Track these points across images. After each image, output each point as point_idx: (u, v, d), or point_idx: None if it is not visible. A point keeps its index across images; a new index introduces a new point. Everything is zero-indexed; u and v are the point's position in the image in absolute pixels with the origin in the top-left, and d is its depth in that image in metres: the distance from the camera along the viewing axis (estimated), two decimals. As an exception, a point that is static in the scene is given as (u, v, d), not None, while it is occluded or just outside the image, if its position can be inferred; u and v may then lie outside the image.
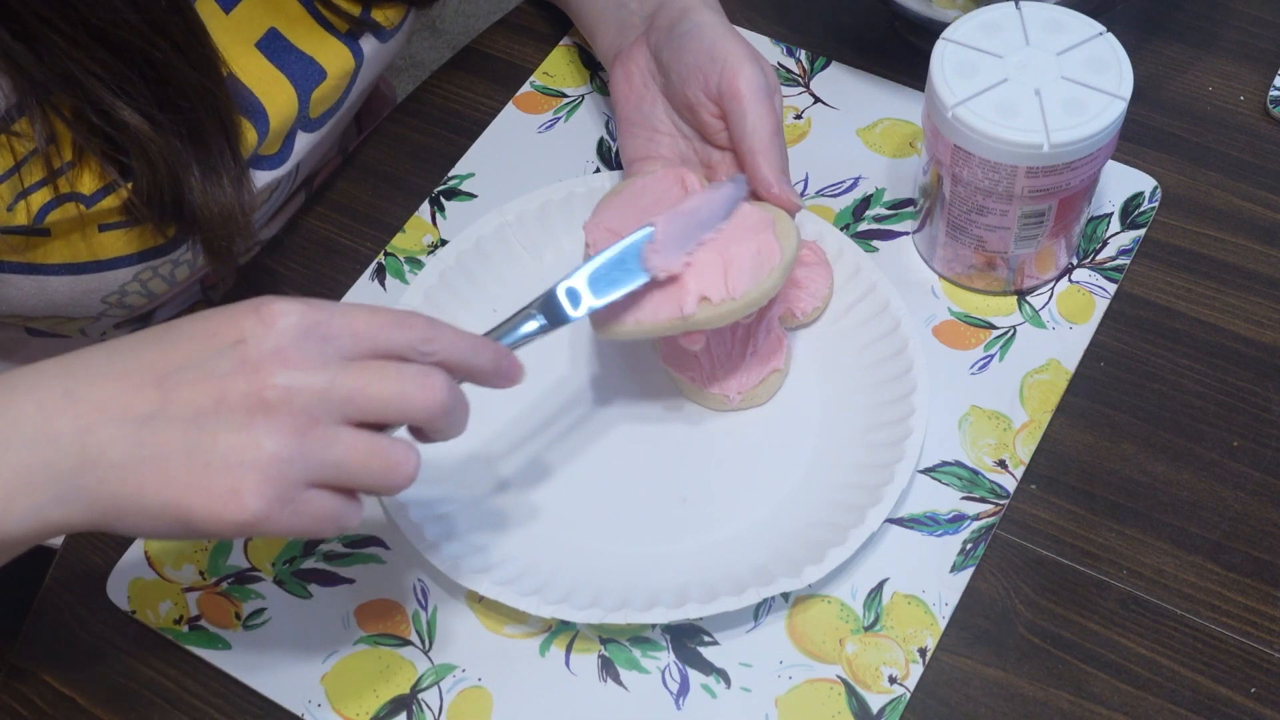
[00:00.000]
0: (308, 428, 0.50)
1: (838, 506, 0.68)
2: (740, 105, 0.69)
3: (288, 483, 0.50)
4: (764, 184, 0.69)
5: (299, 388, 0.50)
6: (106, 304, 0.74)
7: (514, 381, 0.59)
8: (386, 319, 0.54)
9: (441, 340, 0.55)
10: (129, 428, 0.50)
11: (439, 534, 0.68)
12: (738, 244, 0.66)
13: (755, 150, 0.69)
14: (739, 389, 0.72)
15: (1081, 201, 0.72)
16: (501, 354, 0.58)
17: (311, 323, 0.52)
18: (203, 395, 0.50)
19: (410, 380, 0.53)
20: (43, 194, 0.66)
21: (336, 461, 0.51)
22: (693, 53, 0.71)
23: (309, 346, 0.51)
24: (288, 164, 0.78)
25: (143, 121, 0.65)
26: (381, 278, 0.80)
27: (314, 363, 0.51)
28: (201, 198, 0.69)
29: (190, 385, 0.51)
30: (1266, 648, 0.65)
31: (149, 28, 0.63)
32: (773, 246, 0.67)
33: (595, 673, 0.66)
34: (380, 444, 0.52)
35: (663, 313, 0.65)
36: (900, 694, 0.64)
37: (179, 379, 0.51)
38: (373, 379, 0.52)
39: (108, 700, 0.67)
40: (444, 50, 1.95)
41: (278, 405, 0.50)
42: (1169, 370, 0.74)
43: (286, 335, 0.51)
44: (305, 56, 0.77)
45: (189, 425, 0.50)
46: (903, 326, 0.72)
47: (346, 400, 0.51)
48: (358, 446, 0.52)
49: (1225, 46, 0.87)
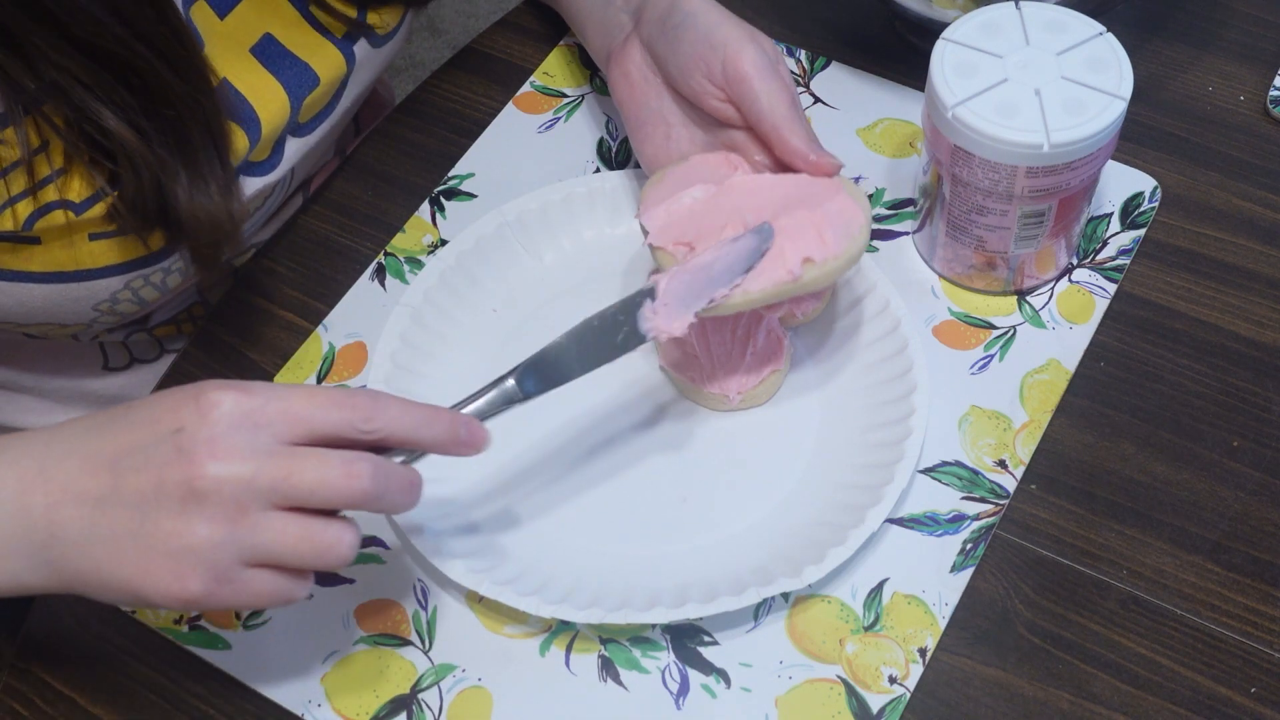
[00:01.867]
0: (237, 515, 0.53)
1: (838, 506, 0.68)
2: (750, 87, 0.69)
3: (223, 565, 0.54)
4: (798, 156, 0.69)
5: (226, 478, 0.53)
6: (98, 311, 0.74)
7: (477, 450, 0.59)
8: (325, 400, 0.55)
9: (383, 417, 0.56)
10: (86, 509, 0.55)
11: (439, 534, 0.68)
12: (818, 207, 0.67)
13: (777, 127, 0.69)
14: (739, 389, 0.72)
15: (1081, 201, 0.72)
16: (459, 423, 0.59)
17: (245, 411, 0.54)
18: (145, 482, 0.54)
19: (333, 469, 0.54)
20: (27, 204, 0.66)
21: (266, 546, 0.54)
22: (689, 43, 0.71)
23: (240, 436, 0.53)
24: (279, 170, 0.78)
25: (128, 130, 0.65)
26: (381, 278, 0.80)
27: (243, 452, 0.53)
28: (188, 206, 0.68)
29: (135, 472, 0.54)
30: (1266, 648, 0.65)
31: (134, 38, 0.63)
32: (850, 205, 0.67)
33: (595, 673, 0.66)
34: (310, 528, 0.54)
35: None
36: (900, 694, 0.64)
37: (127, 464, 0.54)
38: (295, 468, 0.54)
39: (108, 700, 0.67)
40: (444, 50, 1.95)
41: (208, 494, 0.53)
42: (1169, 370, 0.74)
43: (220, 425, 0.54)
44: (300, 62, 0.76)
45: (134, 510, 0.54)
46: (903, 326, 0.72)
47: (271, 489, 0.53)
48: (287, 531, 0.54)
49: (1225, 46, 0.87)
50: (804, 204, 0.67)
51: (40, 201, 0.66)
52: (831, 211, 0.67)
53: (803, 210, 0.67)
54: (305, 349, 0.77)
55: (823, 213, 0.67)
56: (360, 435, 0.56)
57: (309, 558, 0.55)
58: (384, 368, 0.73)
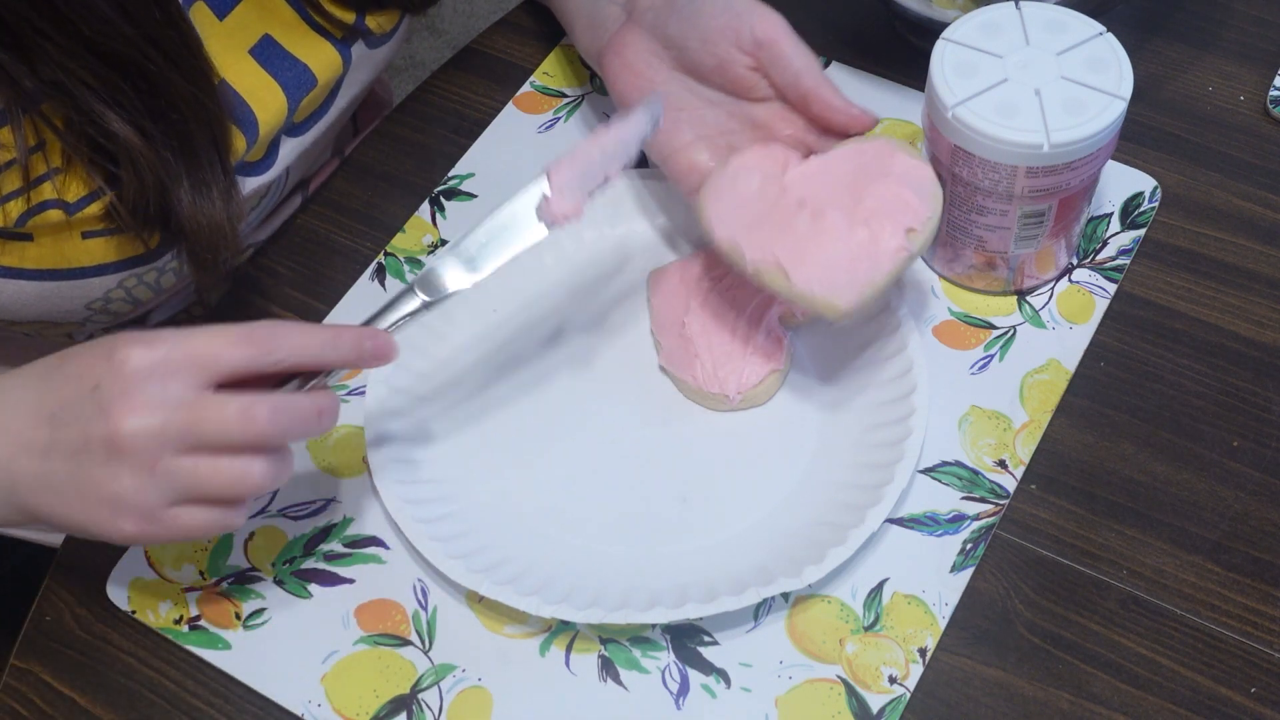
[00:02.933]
0: (153, 463, 0.57)
1: (838, 506, 0.68)
2: (782, 50, 0.69)
3: (149, 507, 0.58)
4: (839, 111, 0.69)
5: (140, 431, 0.57)
6: (91, 310, 0.74)
7: (385, 360, 0.62)
8: (227, 340, 0.58)
9: (285, 346, 0.59)
10: (35, 459, 0.59)
11: (439, 534, 0.68)
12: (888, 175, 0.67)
13: (818, 85, 0.69)
14: (739, 389, 0.72)
15: (1081, 201, 0.72)
16: (363, 338, 0.61)
17: (153, 362, 0.57)
18: (75, 436, 0.58)
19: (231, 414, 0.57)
20: (20, 202, 0.66)
21: (184, 486, 0.58)
22: (710, 15, 0.71)
23: (152, 388, 0.57)
24: (274, 170, 0.78)
25: (133, 132, 0.65)
26: (381, 278, 0.80)
27: (153, 406, 0.57)
28: (190, 209, 0.69)
29: (66, 426, 0.58)
30: (1266, 648, 0.65)
31: (143, 40, 0.63)
32: (912, 161, 0.68)
33: (595, 673, 0.66)
34: (217, 465, 0.58)
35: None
36: (900, 694, 0.64)
37: (60, 418, 0.59)
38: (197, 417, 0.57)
39: (108, 700, 0.67)
40: (444, 50, 1.95)
41: (125, 447, 0.57)
42: (1169, 370, 0.74)
43: (132, 380, 0.57)
44: (299, 63, 0.76)
45: (70, 460, 0.58)
46: (903, 326, 0.72)
47: (180, 437, 0.57)
48: (197, 471, 0.58)
49: (1225, 46, 0.87)
50: (872, 176, 0.67)
51: (34, 200, 0.66)
52: (901, 174, 0.67)
53: (877, 184, 0.67)
54: (305, 349, 0.77)
55: (896, 179, 0.67)
56: (266, 368, 0.58)
57: (225, 490, 0.58)
58: (384, 368, 0.73)
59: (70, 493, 0.59)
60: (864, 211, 0.66)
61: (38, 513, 0.60)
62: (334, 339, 0.60)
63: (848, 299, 0.65)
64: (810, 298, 0.65)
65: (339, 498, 0.72)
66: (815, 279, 0.65)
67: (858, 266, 0.65)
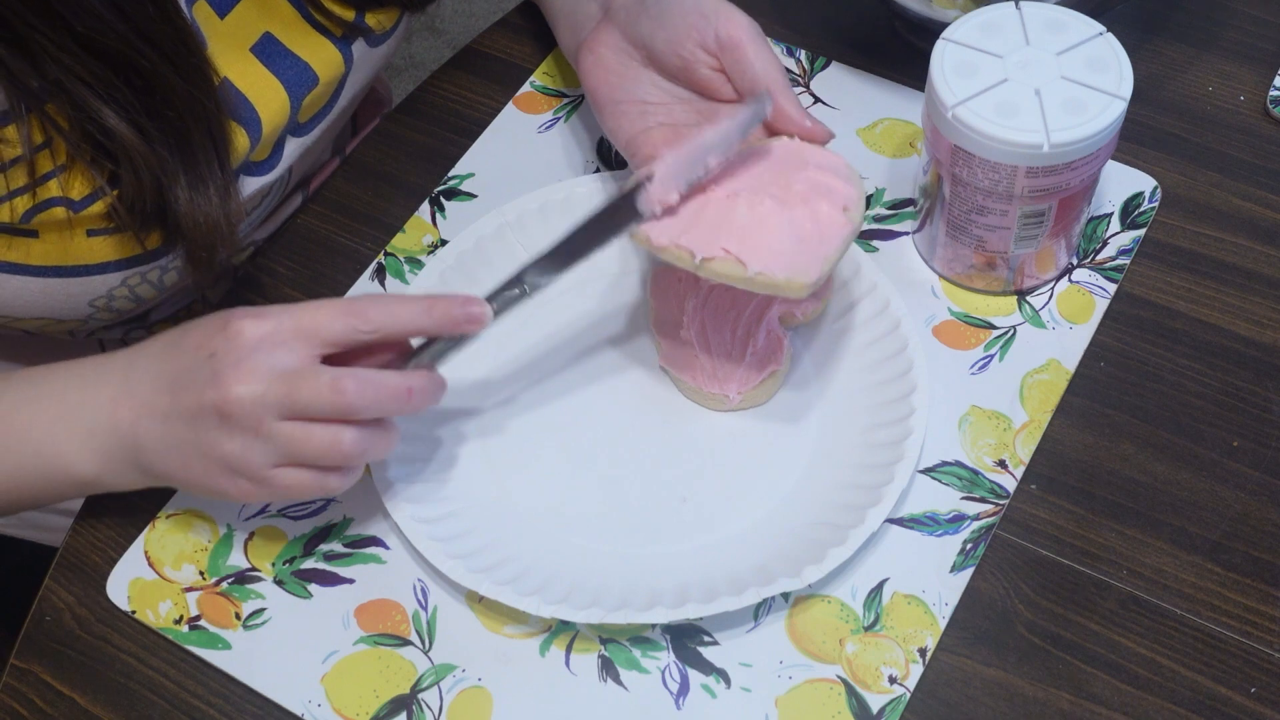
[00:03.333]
0: (256, 426, 0.61)
1: (838, 506, 0.68)
2: (744, 53, 0.70)
3: (254, 468, 0.62)
4: (794, 121, 0.69)
5: (245, 398, 0.60)
6: (94, 308, 0.74)
7: (478, 326, 0.64)
8: (329, 313, 0.62)
9: (379, 317, 0.62)
10: (158, 422, 0.63)
11: (439, 534, 0.68)
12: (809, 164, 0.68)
13: (773, 92, 0.69)
14: (739, 389, 0.72)
15: (1081, 201, 0.72)
16: (454, 304, 0.63)
17: (263, 334, 0.61)
18: (192, 401, 0.62)
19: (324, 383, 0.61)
20: (26, 199, 0.66)
21: (282, 450, 0.61)
22: (678, 15, 0.71)
23: (260, 357, 0.61)
24: (278, 169, 0.78)
25: (130, 129, 0.65)
26: (381, 278, 0.80)
27: (259, 373, 0.61)
28: (187, 207, 0.69)
29: (185, 391, 0.62)
30: (1266, 648, 0.65)
31: (136, 36, 0.63)
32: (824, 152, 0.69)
33: (595, 673, 0.66)
34: (310, 431, 0.61)
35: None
36: (900, 694, 0.64)
37: (181, 385, 0.63)
38: (294, 386, 0.60)
39: (108, 700, 0.67)
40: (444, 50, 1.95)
41: (233, 413, 0.61)
42: (1169, 370, 0.74)
43: (243, 350, 0.61)
44: (300, 61, 0.76)
45: (189, 424, 0.62)
46: (903, 326, 0.72)
47: (279, 405, 0.61)
48: (294, 436, 0.61)
49: (1225, 46, 0.87)
50: (793, 166, 0.68)
51: (40, 197, 0.66)
52: (820, 163, 0.68)
53: (800, 172, 0.67)
54: (305, 349, 0.77)
55: (815, 167, 0.67)
56: (365, 337, 0.62)
57: (319, 455, 0.61)
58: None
59: (190, 454, 0.62)
60: (796, 196, 0.66)
61: (162, 472, 0.64)
62: (428, 307, 0.63)
63: (810, 274, 0.64)
64: (772, 281, 0.64)
65: (339, 498, 0.72)
66: (772, 262, 0.65)
67: (808, 245, 0.65)
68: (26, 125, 0.64)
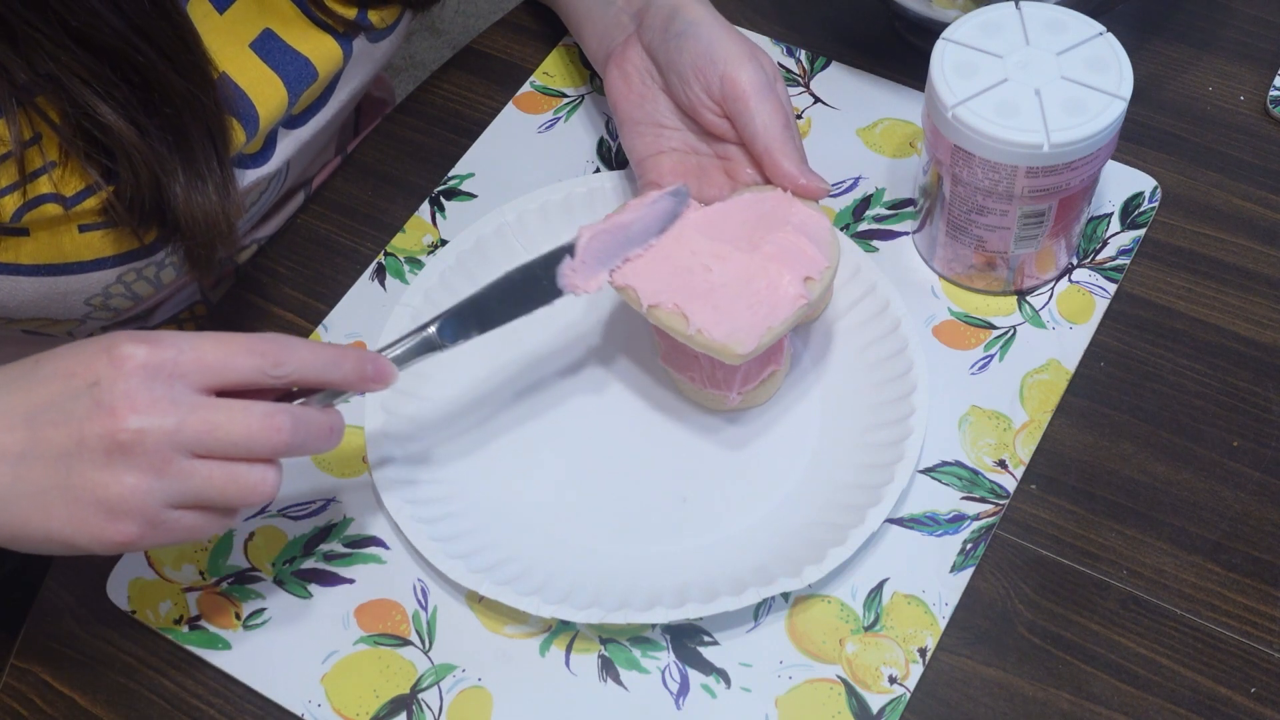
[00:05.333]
0: (162, 465, 0.55)
1: (838, 506, 0.68)
2: (746, 106, 0.70)
3: (151, 510, 0.55)
4: (788, 178, 0.69)
5: (149, 430, 0.54)
6: (90, 306, 0.74)
7: (384, 384, 0.62)
8: (235, 348, 0.57)
9: (292, 361, 0.58)
10: (5, 465, 0.56)
11: (439, 534, 0.68)
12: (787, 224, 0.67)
13: (770, 149, 0.69)
14: (739, 389, 0.72)
15: (1081, 201, 0.72)
16: (365, 361, 0.61)
17: (159, 361, 0.55)
18: (65, 436, 0.55)
19: (255, 421, 0.56)
20: (16, 196, 0.66)
21: (194, 491, 0.56)
22: (689, 54, 0.71)
23: (158, 387, 0.55)
24: (273, 162, 0.78)
25: (127, 126, 0.65)
26: (381, 278, 0.80)
27: (163, 405, 0.55)
28: (185, 204, 0.68)
29: (53, 426, 0.55)
30: (1266, 648, 0.65)
31: (132, 31, 0.63)
32: (808, 211, 0.68)
33: (595, 673, 0.66)
34: (234, 471, 0.56)
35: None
36: (900, 694, 0.64)
37: (44, 419, 0.56)
38: (219, 421, 0.56)
39: (108, 700, 0.67)
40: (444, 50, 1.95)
41: (132, 447, 0.54)
42: (1169, 370, 0.74)
43: (136, 377, 0.55)
44: (300, 56, 0.76)
45: (57, 464, 0.55)
46: (903, 326, 0.72)
47: (196, 441, 0.55)
48: (213, 477, 0.56)
49: (1225, 46, 0.87)
50: (771, 224, 0.68)
51: (30, 194, 0.66)
52: (800, 224, 0.68)
53: (777, 231, 0.67)
54: (305, 349, 0.77)
55: (794, 228, 0.67)
56: (271, 380, 0.58)
57: (236, 499, 0.57)
58: (384, 368, 0.73)
59: (54, 499, 0.55)
60: (762, 258, 0.67)
61: (6, 526, 0.57)
62: (338, 358, 0.60)
63: (746, 345, 0.65)
64: (708, 343, 0.65)
65: (339, 498, 0.72)
66: (714, 324, 0.65)
67: (756, 312, 0.66)
68: (15, 121, 0.64)
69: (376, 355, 0.62)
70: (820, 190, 0.69)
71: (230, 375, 0.57)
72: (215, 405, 0.56)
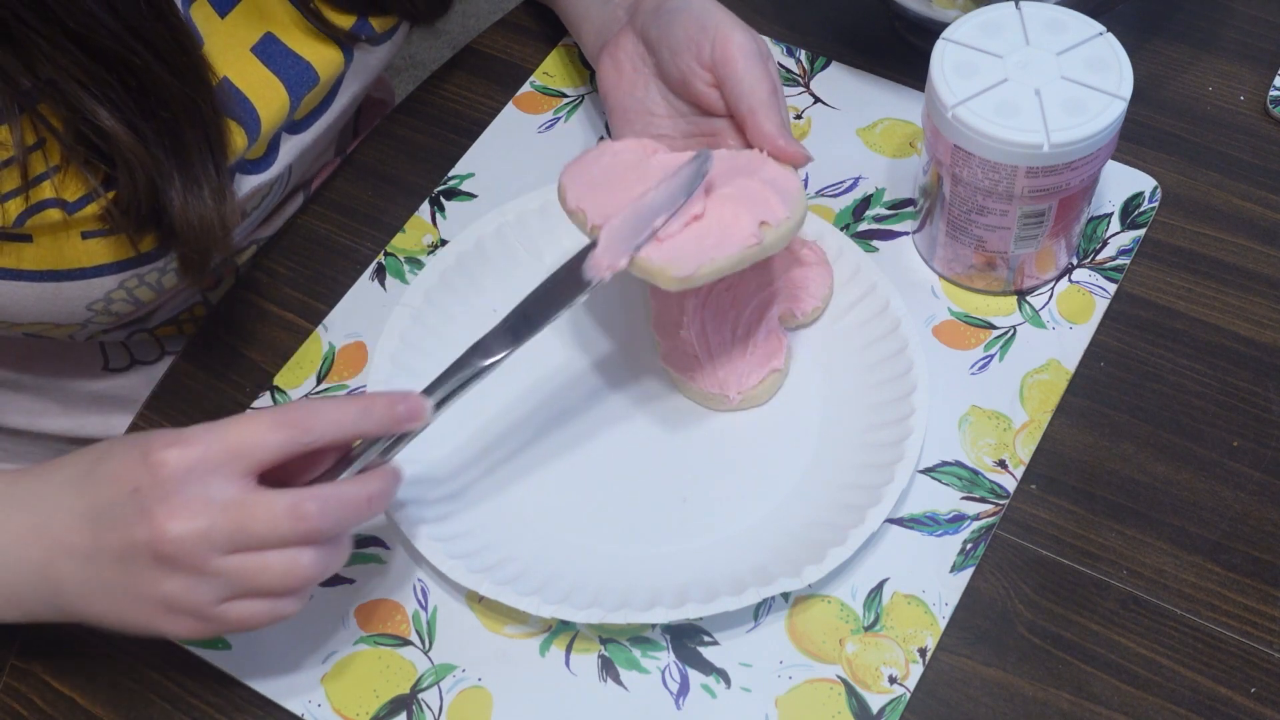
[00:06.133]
0: (202, 565, 0.57)
1: (838, 506, 0.68)
2: (734, 69, 0.70)
3: (201, 606, 0.58)
4: (767, 138, 0.69)
5: (185, 536, 0.56)
6: (92, 311, 0.74)
7: (418, 420, 0.61)
8: (261, 427, 0.58)
9: (320, 426, 0.58)
10: (78, 563, 0.59)
11: (439, 534, 0.68)
12: (755, 175, 0.67)
13: (754, 109, 0.69)
14: (739, 389, 0.72)
15: (1081, 201, 0.72)
16: (394, 403, 0.60)
17: (191, 462, 0.57)
18: (119, 540, 0.58)
19: (280, 513, 0.57)
20: (19, 201, 0.66)
21: (234, 585, 0.58)
22: (682, 26, 0.71)
23: (193, 489, 0.56)
24: (275, 167, 0.78)
25: (125, 130, 0.65)
26: (381, 278, 0.80)
27: (196, 506, 0.56)
28: (181, 210, 0.68)
29: (109, 530, 0.58)
30: (1266, 648, 0.65)
31: (129, 34, 0.63)
32: (783, 171, 0.68)
33: (595, 673, 0.66)
34: (266, 560, 0.57)
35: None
36: (900, 694, 0.64)
37: (101, 523, 0.58)
38: (246, 518, 0.57)
39: (108, 700, 0.67)
40: (444, 50, 1.95)
41: (171, 551, 0.56)
42: (1169, 370, 0.74)
43: (171, 483, 0.57)
44: (301, 60, 0.76)
45: (117, 564, 0.58)
46: (903, 326, 0.72)
47: (228, 540, 0.57)
48: (246, 569, 0.57)
49: (1225, 46, 0.87)
50: (739, 173, 0.67)
51: (33, 199, 0.66)
52: (769, 178, 0.67)
53: (742, 179, 0.67)
54: (305, 349, 0.77)
55: (761, 180, 0.67)
56: (304, 448, 0.58)
57: (275, 585, 0.58)
58: (384, 368, 0.73)
59: (119, 595, 0.59)
60: (720, 196, 0.66)
61: (86, 615, 0.60)
62: (367, 408, 0.60)
63: (683, 269, 0.63)
64: (647, 266, 0.64)
65: (339, 498, 0.72)
66: (656, 250, 0.64)
67: (702, 244, 0.64)
68: (19, 126, 0.64)
69: (405, 394, 0.61)
70: (798, 155, 0.69)
71: (263, 455, 0.57)
72: (243, 502, 0.57)
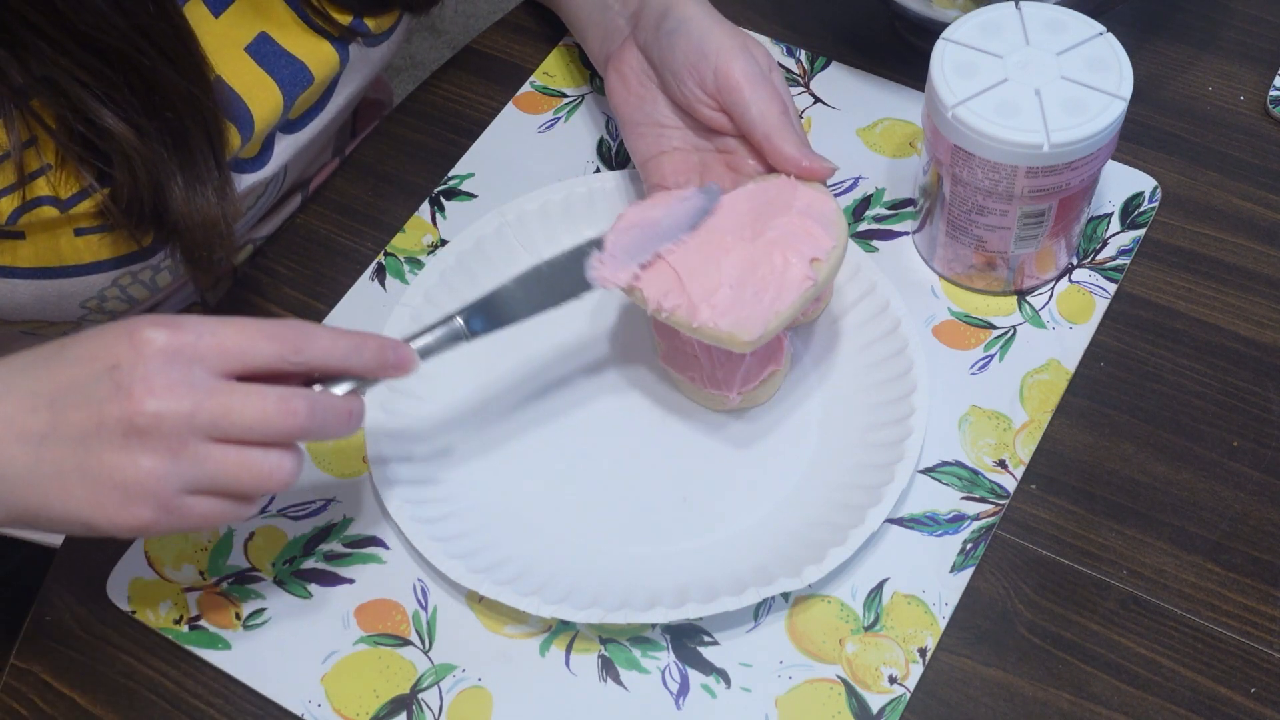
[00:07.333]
0: (179, 448, 0.55)
1: (838, 506, 0.68)
2: (740, 96, 0.70)
3: (167, 495, 0.55)
4: (790, 161, 0.69)
5: (165, 414, 0.54)
6: (86, 309, 0.74)
7: (405, 371, 0.61)
8: (256, 333, 0.57)
9: (313, 348, 0.58)
10: (28, 446, 0.56)
11: (439, 534, 0.68)
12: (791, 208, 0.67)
13: (769, 135, 0.69)
14: (739, 389, 0.72)
15: (1081, 201, 0.72)
16: (386, 348, 0.60)
17: (179, 345, 0.55)
18: (85, 418, 0.55)
19: (270, 405, 0.56)
20: (13, 198, 0.66)
21: (209, 475, 0.56)
22: (681, 51, 0.71)
23: (176, 371, 0.55)
24: (270, 166, 0.78)
25: (128, 129, 0.65)
26: (381, 278, 0.80)
27: (180, 388, 0.55)
28: (184, 206, 0.68)
29: (75, 409, 0.55)
30: (1266, 648, 0.65)
31: (136, 34, 0.63)
32: (814, 194, 0.68)
33: (595, 673, 0.66)
34: (250, 457, 0.56)
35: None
36: (900, 694, 0.64)
37: (65, 402, 0.56)
38: (234, 405, 0.56)
39: (108, 700, 0.67)
40: (444, 50, 1.95)
41: (148, 430, 0.54)
42: (1169, 370, 0.74)
43: (155, 361, 0.55)
44: (295, 60, 0.76)
45: (77, 445, 0.55)
46: (903, 326, 0.72)
47: (211, 425, 0.55)
48: (227, 462, 0.56)
49: (1225, 46, 0.87)
50: (776, 209, 0.68)
51: (28, 196, 0.66)
52: (804, 207, 0.67)
53: (781, 216, 0.67)
54: (305, 349, 0.77)
55: (799, 211, 0.67)
56: (291, 366, 0.57)
57: (250, 485, 0.57)
58: (384, 368, 0.73)
59: (73, 480, 0.56)
60: (765, 244, 0.66)
61: (28, 507, 0.57)
62: (359, 345, 0.59)
63: (752, 332, 0.65)
64: (715, 334, 0.65)
65: (339, 498, 0.72)
66: (719, 315, 0.65)
67: (762, 298, 0.65)
68: (13, 123, 0.64)
69: (397, 342, 0.62)
70: (824, 170, 0.69)
71: (250, 360, 0.57)
72: (231, 390, 0.56)
